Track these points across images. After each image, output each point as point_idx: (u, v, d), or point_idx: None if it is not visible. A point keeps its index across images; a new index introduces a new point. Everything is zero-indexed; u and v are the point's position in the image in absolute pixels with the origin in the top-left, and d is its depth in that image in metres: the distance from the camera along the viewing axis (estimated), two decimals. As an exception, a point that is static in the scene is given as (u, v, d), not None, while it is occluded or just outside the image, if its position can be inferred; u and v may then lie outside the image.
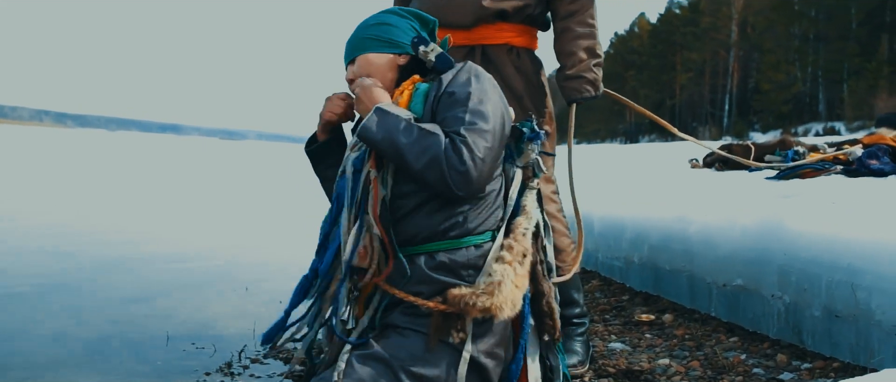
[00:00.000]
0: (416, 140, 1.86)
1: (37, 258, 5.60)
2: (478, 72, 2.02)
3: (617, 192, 5.29)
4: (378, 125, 1.90)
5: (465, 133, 1.86)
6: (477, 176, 1.85)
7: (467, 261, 1.95)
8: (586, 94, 2.85)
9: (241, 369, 3.07)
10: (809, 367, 2.79)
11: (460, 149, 1.84)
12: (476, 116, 1.90)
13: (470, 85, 1.96)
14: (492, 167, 1.91)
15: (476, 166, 1.85)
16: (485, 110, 1.92)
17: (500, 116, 1.96)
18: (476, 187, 1.88)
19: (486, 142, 1.87)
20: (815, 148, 4.98)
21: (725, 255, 3.44)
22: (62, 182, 14.57)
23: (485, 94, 1.96)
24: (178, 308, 4.11)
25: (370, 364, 1.87)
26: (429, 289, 1.93)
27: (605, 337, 3.48)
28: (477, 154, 1.84)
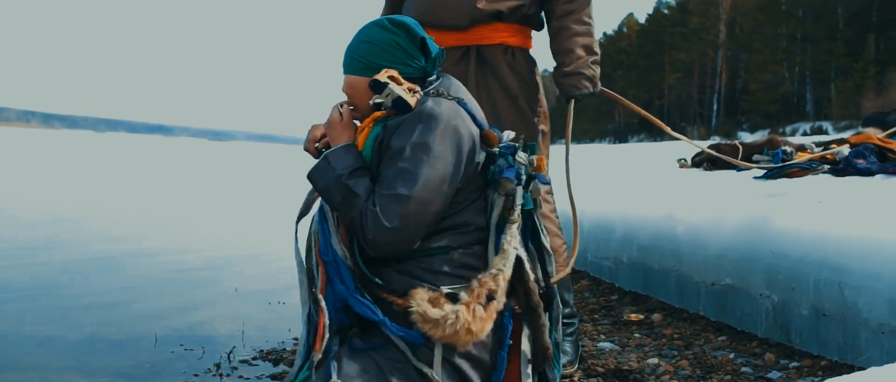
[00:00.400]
0: (343, 201, 1.89)
1: (24, 259, 5.57)
2: (429, 117, 1.90)
3: (606, 192, 5.30)
4: (320, 174, 1.95)
5: (378, 201, 1.84)
6: (386, 243, 1.84)
7: (431, 267, 1.94)
8: (585, 91, 2.84)
9: (230, 370, 3.07)
10: (797, 366, 2.80)
11: (367, 218, 1.84)
12: (400, 178, 1.84)
13: (411, 136, 1.87)
14: (410, 232, 1.85)
15: (383, 235, 1.82)
16: (415, 169, 1.84)
17: (440, 171, 1.86)
18: (388, 252, 1.87)
19: (402, 208, 1.82)
20: (803, 147, 5.00)
21: (714, 255, 3.45)
22: (50, 183, 14.49)
23: (423, 149, 1.86)
24: (167, 309, 4.10)
25: (357, 360, 1.88)
26: (400, 288, 1.92)
27: (594, 337, 3.49)
28: (385, 223, 1.82)
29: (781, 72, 53.86)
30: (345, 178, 1.89)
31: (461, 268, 1.94)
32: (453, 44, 2.87)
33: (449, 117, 1.91)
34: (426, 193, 1.83)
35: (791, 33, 53.81)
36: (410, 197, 1.82)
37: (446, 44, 2.87)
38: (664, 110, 63.71)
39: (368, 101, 1.99)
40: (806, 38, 52.36)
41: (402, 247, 1.87)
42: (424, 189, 1.83)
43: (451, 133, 1.89)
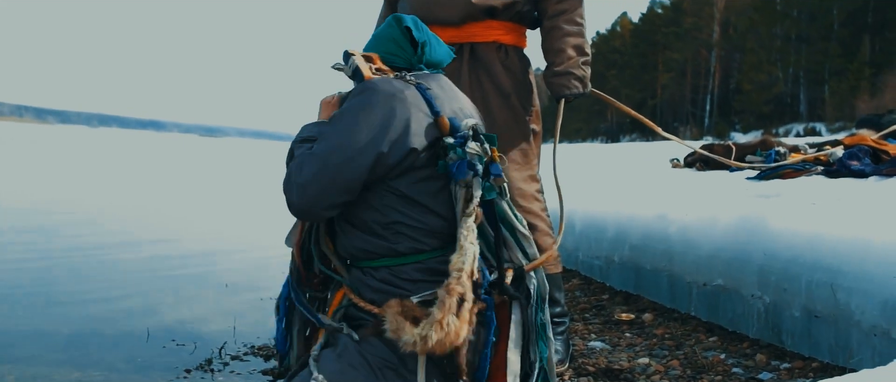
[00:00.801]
0: (287, 164, 1.97)
1: (16, 254, 5.57)
2: (367, 91, 1.92)
3: (598, 192, 5.29)
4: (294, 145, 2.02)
5: (298, 157, 1.90)
6: (298, 200, 1.88)
7: (408, 277, 1.93)
8: (575, 91, 2.83)
9: (221, 365, 3.08)
10: (789, 367, 2.80)
11: (288, 174, 1.90)
12: (319, 139, 1.91)
13: (343, 106, 1.95)
14: (321, 193, 1.87)
15: (294, 191, 1.87)
16: (329, 131, 1.90)
17: (360, 142, 1.85)
18: (302, 211, 1.90)
19: (311, 165, 1.86)
20: (796, 148, 5.00)
21: (706, 255, 3.45)
22: (42, 178, 14.46)
23: (347, 117, 1.89)
24: (159, 304, 4.10)
25: (346, 357, 1.88)
26: (380, 298, 1.93)
27: (585, 336, 3.48)
28: (297, 180, 1.87)
29: (775, 72, 54.03)
30: (295, 143, 1.98)
31: (436, 275, 1.91)
32: (447, 41, 2.86)
33: (386, 94, 1.90)
34: (336, 157, 1.86)
35: (785, 33, 53.98)
36: (320, 156, 1.86)
37: None
38: (657, 110, 63.85)
39: None
40: (800, 39, 52.51)
41: (307, 206, 1.89)
42: (335, 152, 1.86)
43: (381, 107, 1.89)
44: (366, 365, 1.87)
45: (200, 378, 2.95)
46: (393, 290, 1.91)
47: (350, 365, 1.87)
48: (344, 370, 1.86)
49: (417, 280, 1.93)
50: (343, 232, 2.01)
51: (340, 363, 1.88)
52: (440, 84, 2.04)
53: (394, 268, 1.94)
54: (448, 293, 1.80)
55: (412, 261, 1.94)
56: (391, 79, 1.94)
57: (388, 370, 1.87)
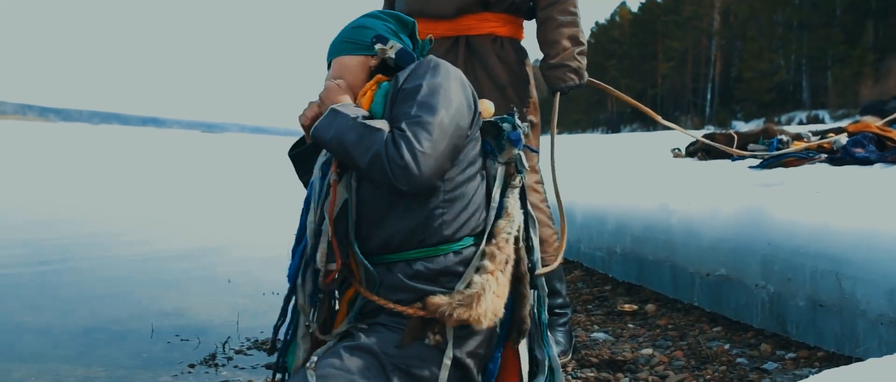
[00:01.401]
0: (360, 138, 1.83)
1: (21, 252, 5.60)
2: (437, 64, 1.96)
3: (599, 183, 5.28)
4: (328, 125, 1.89)
5: (405, 127, 1.81)
6: (419, 170, 1.79)
7: (445, 268, 1.90)
8: (571, 83, 2.81)
9: (224, 360, 3.10)
10: (794, 357, 2.79)
11: (399, 143, 1.79)
12: (422, 109, 1.84)
13: (424, 78, 1.90)
14: (440, 161, 1.84)
15: (416, 160, 1.78)
16: (433, 102, 1.86)
17: (455, 108, 1.89)
18: (420, 182, 1.81)
19: (429, 134, 1.81)
20: (799, 136, 4.98)
21: (708, 245, 3.44)
22: (46, 176, 14.50)
23: (437, 87, 1.89)
24: (162, 301, 4.11)
25: (358, 355, 1.84)
26: (408, 297, 1.89)
27: (587, 327, 3.47)
28: (417, 147, 1.79)
29: (777, 60, 53.93)
30: (360, 119, 1.87)
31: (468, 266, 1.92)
32: (442, 34, 2.85)
33: (455, 70, 1.97)
34: (446, 123, 1.84)
35: (787, 20, 53.83)
36: (433, 121, 1.82)
37: (435, 33, 2.85)
38: (657, 100, 63.77)
39: (363, 77, 2.05)
40: (802, 26, 52.36)
41: (431, 173, 1.82)
42: (445, 118, 1.84)
43: (458, 79, 1.95)
44: (377, 365, 1.85)
45: (205, 372, 2.96)
46: (423, 288, 1.89)
47: (365, 365, 1.85)
48: (358, 367, 1.84)
49: (455, 273, 1.91)
50: (381, 219, 1.93)
51: (353, 360, 1.85)
52: None
53: (429, 261, 1.91)
54: (499, 249, 1.88)
55: (449, 250, 1.92)
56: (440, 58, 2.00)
57: (400, 371, 1.85)
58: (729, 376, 2.65)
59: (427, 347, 1.86)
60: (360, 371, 1.82)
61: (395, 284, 1.91)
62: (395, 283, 1.91)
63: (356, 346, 1.86)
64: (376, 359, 1.84)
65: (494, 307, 1.82)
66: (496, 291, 1.82)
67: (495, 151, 2.07)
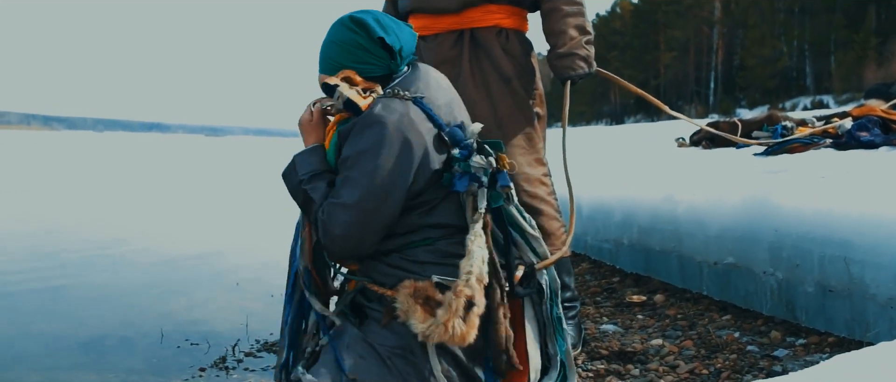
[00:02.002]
0: (303, 205, 1.98)
1: (30, 261, 5.62)
2: (375, 125, 1.87)
3: (604, 174, 5.27)
4: (287, 177, 2.02)
5: (326, 209, 1.89)
6: (338, 249, 1.91)
7: (416, 258, 1.95)
8: (581, 71, 2.79)
9: (235, 363, 3.11)
10: (804, 343, 2.78)
11: (320, 224, 1.90)
12: (344, 187, 1.88)
13: (357, 145, 1.87)
14: (357, 239, 1.89)
15: (332, 242, 1.89)
16: (357, 179, 1.86)
17: (382, 176, 1.84)
18: (344, 256, 1.96)
19: (347, 216, 1.86)
20: (804, 122, 4.95)
21: (715, 234, 3.43)
22: (52, 184, 14.52)
23: (366, 158, 1.85)
24: (171, 305, 4.12)
25: (354, 349, 1.88)
26: (390, 281, 1.92)
27: (596, 320, 3.47)
28: (333, 230, 1.87)
29: (779, 46, 53.75)
30: (304, 183, 1.96)
31: (447, 257, 1.92)
32: (447, 28, 2.85)
33: (396, 125, 1.86)
34: (370, 203, 1.86)
35: (788, 6, 53.63)
36: (353, 205, 1.86)
37: (440, 28, 2.85)
38: (660, 90, 63.59)
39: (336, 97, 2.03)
40: (804, 11, 52.16)
41: (351, 253, 1.93)
42: (366, 198, 1.86)
43: (397, 140, 1.86)
44: (375, 355, 1.86)
45: (215, 376, 2.98)
46: (403, 274, 1.90)
47: (360, 356, 1.86)
48: (356, 362, 1.85)
49: (426, 262, 1.92)
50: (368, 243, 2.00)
51: (350, 355, 1.86)
52: (426, 80, 2.00)
53: (405, 252, 1.94)
54: (456, 295, 1.79)
55: (423, 245, 1.94)
56: (391, 103, 1.89)
57: (398, 358, 1.86)
58: (739, 364, 2.64)
59: (415, 335, 1.86)
60: (361, 360, 1.85)
61: (382, 271, 1.97)
62: (382, 270, 1.97)
63: (353, 338, 1.91)
64: (372, 348, 1.88)
65: (450, 342, 1.80)
66: (448, 338, 1.74)
67: (458, 183, 1.97)
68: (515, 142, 2.83)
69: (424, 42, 2.90)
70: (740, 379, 2.49)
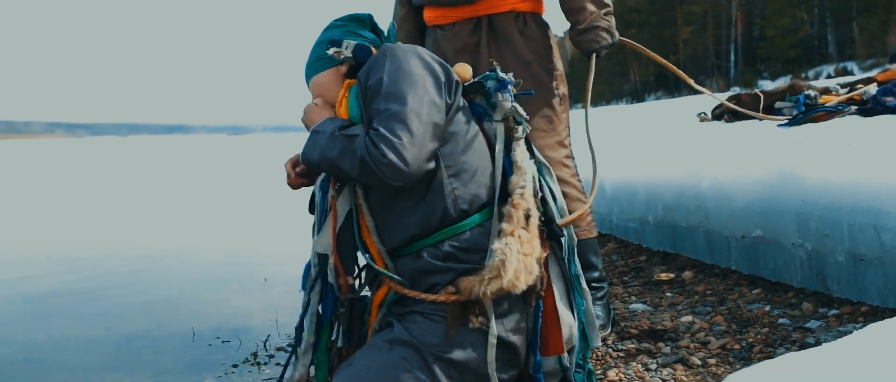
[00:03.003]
0: (343, 149, 1.83)
1: (61, 267, 5.70)
2: (391, 50, 1.91)
3: (627, 153, 5.24)
4: (312, 147, 1.92)
5: (379, 125, 1.79)
6: (404, 163, 1.76)
7: (472, 245, 1.89)
8: (604, 42, 2.81)
9: (266, 358, 3.13)
10: (837, 313, 2.75)
11: (378, 143, 1.77)
12: (390, 100, 1.82)
13: (383, 69, 1.87)
14: (422, 146, 1.80)
15: (398, 154, 1.76)
16: (397, 90, 1.83)
17: (422, 87, 1.86)
18: (410, 173, 1.78)
19: (403, 124, 1.78)
20: (827, 90, 4.89)
21: (741, 207, 3.39)
22: (80, 190, 14.70)
23: (398, 73, 1.86)
24: (201, 305, 4.16)
25: (398, 349, 1.83)
26: (444, 278, 1.88)
27: (625, 300, 3.46)
28: (396, 142, 1.76)
29: (799, 14, 53.03)
30: (338, 131, 1.87)
31: (476, 251, 1.90)
32: (464, 16, 2.84)
33: (411, 48, 1.94)
34: (416, 105, 1.82)
35: (807, -27, 52.85)
36: (404, 110, 1.80)
37: (456, 17, 2.84)
38: (680, 66, 62.77)
39: (339, 87, 2.04)
40: (823, -23, 51.38)
41: (421, 160, 1.80)
42: (414, 102, 1.82)
43: (417, 54, 1.92)
44: (418, 357, 1.84)
45: (248, 372, 3.00)
46: (455, 267, 1.88)
47: (404, 357, 1.84)
48: (401, 365, 1.83)
49: (479, 248, 1.89)
50: (397, 214, 1.92)
51: (393, 355, 1.85)
52: None
53: (455, 238, 1.89)
54: (514, 207, 1.85)
55: (473, 224, 1.90)
56: (398, 43, 1.97)
57: (442, 361, 1.84)
58: (772, 338, 2.62)
59: (469, 331, 1.85)
60: (400, 364, 1.81)
61: (426, 269, 1.89)
62: (426, 268, 1.89)
63: (395, 339, 1.85)
64: (416, 351, 1.83)
65: (525, 266, 1.81)
66: (521, 250, 1.80)
67: (489, 111, 2.05)
68: (536, 124, 2.82)
69: (441, 30, 2.90)
70: (773, 353, 2.47)
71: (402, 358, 1.82)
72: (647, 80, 67.85)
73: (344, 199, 1.95)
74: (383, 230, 1.95)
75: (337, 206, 1.94)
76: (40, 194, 13.97)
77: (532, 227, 1.86)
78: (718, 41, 63.15)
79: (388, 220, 1.93)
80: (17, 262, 6.00)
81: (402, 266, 1.94)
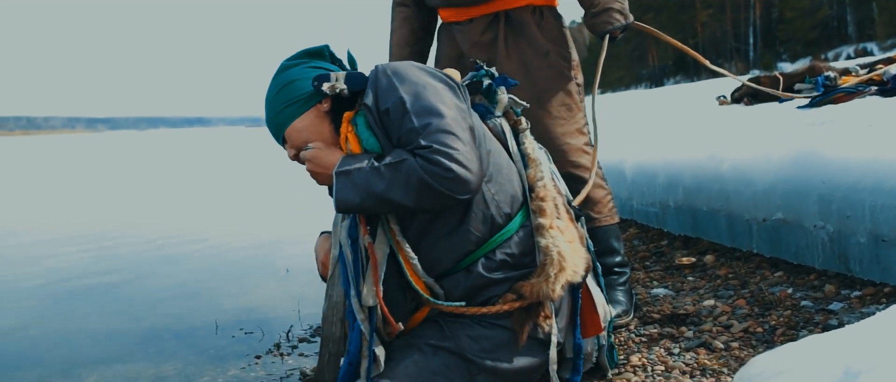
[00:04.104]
0: (392, 180, 1.69)
1: (84, 260, 5.75)
2: (394, 69, 1.81)
3: (646, 138, 5.22)
4: (348, 189, 1.74)
5: (427, 142, 1.66)
6: (469, 171, 1.67)
7: (522, 248, 1.87)
8: (618, 23, 2.82)
9: (289, 349, 3.15)
10: (859, 295, 2.74)
11: (435, 158, 1.65)
12: (423, 116, 1.70)
13: (398, 89, 1.75)
14: (474, 150, 1.72)
15: (461, 164, 1.65)
16: (426, 104, 1.72)
17: (445, 95, 1.77)
18: (477, 181, 1.69)
19: (452, 134, 1.68)
20: (847, 71, 4.85)
21: (763, 190, 3.38)
22: (101, 184, 14.82)
23: (418, 88, 1.76)
24: (223, 296, 4.19)
25: (441, 356, 1.83)
26: (500, 289, 1.86)
27: (647, 284, 3.45)
28: (454, 153, 1.65)
29: (818, -4, 52.40)
30: (377, 163, 1.73)
31: (526, 255, 1.91)
32: (481, 13, 2.85)
33: (409, 63, 1.88)
34: (454, 113, 1.74)
35: (825, -46, 52.24)
36: (444, 121, 1.69)
37: (474, 15, 2.85)
38: (698, 49, 62.37)
39: (326, 127, 1.91)
40: (841, -43, 50.75)
41: (481, 165, 1.74)
42: (448, 111, 1.73)
43: (421, 68, 1.86)
44: (462, 365, 1.83)
45: (271, 362, 3.01)
46: (512, 274, 1.87)
47: (448, 367, 1.83)
48: (443, 372, 1.83)
49: (530, 250, 1.88)
50: (440, 239, 1.84)
51: (435, 361, 1.83)
52: None
53: (505, 245, 1.87)
54: (542, 200, 1.86)
55: (518, 227, 1.89)
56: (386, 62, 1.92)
57: (487, 371, 1.84)
58: (794, 320, 2.61)
59: (512, 338, 1.85)
60: (441, 371, 1.81)
61: (481, 284, 1.85)
62: (481, 283, 1.85)
63: (440, 346, 1.83)
64: (461, 359, 1.82)
65: (578, 253, 1.82)
66: (566, 238, 1.81)
67: (491, 108, 2.03)
68: (555, 113, 2.82)
69: (458, 26, 2.91)
70: (796, 335, 2.47)
71: (445, 366, 1.81)
72: (666, 65, 67.38)
73: (381, 242, 1.83)
74: (427, 261, 1.86)
75: (376, 252, 1.81)
76: (63, 188, 14.12)
77: (564, 214, 1.86)
78: (737, 24, 62.60)
79: (430, 249, 1.86)
80: (41, 255, 6.07)
81: (452, 284, 1.88)
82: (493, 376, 1.83)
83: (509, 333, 1.85)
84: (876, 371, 1.26)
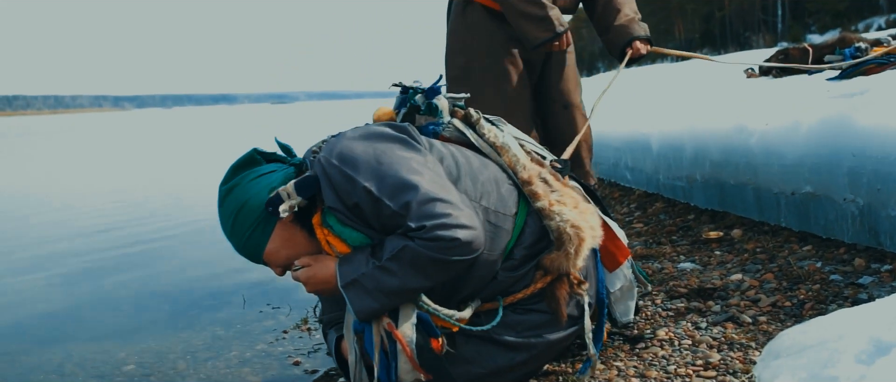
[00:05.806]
0: (401, 272, 1.66)
1: (111, 237, 5.84)
2: (338, 157, 1.74)
3: (673, 111, 5.17)
4: (364, 299, 1.72)
5: (416, 223, 1.63)
6: (469, 229, 1.65)
7: (537, 236, 1.90)
8: (641, 32, 3.27)
9: (316, 323, 3.19)
10: (889, 269, 2.71)
11: (433, 232, 1.62)
12: (397, 195, 1.66)
13: (353, 180, 1.70)
14: (462, 199, 1.72)
15: (460, 226, 1.63)
16: (394, 180, 1.67)
17: (402, 156, 1.73)
18: (481, 234, 1.69)
19: (433, 200, 1.65)
20: (878, 42, 4.76)
21: (791, 163, 3.34)
22: (127, 162, 14.97)
23: (371, 168, 1.70)
24: (251, 272, 4.23)
25: (513, 353, 1.89)
26: (528, 277, 1.90)
27: (673, 259, 3.44)
28: (446, 220, 1.62)
29: (848, -35, 51.47)
30: (377, 262, 1.70)
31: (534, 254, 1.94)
32: None
33: (348, 138, 1.81)
34: (421, 175, 1.70)
35: (856, -79, 51.24)
36: (419, 190, 1.66)
37: None
38: (726, 21, 61.70)
39: (300, 238, 1.86)
40: (873, -75, 49.76)
41: (476, 215, 1.73)
42: (414, 175, 1.69)
43: (362, 139, 1.80)
44: (529, 358, 1.91)
45: (299, 337, 3.05)
46: (533, 262, 1.92)
47: (521, 362, 1.92)
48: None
49: (538, 241, 1.93)
50: (466, 274, 1.81)
51: (510, 356, 1.90)
52: None
53: (520, 243, 1.90)
54: (529, 183, 1.89)
55: (517, 234, 1.90)
56: (321, 147, 1.88)
57: (546, 356, 1.93)
58: (823, 294, 2.59)
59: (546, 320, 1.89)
60: (519, 368, 1.90)
61: (507, 286, 1.90)
62: (506, 285, 1.90)
63: (510, 343, 1.89)
64: (527, 352, 1.90)
65: (587, 213, 1.87)
66: (571, 205, 1.83)
67: (439, 119, 2.04)
68: (576, 82, 3.41)
69: None
70: (825, 309, 2.45)
71: (521, 362, 1.89)
72: (692, 37, 66.57)
73: (406, 320, 1.77)
74: (459, 298, 1.87)
75: (402, 336, 1.75)
76: (89, 166, 14.28)
77: (554, 182, 1.88)
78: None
79: (461, 289, 1.86)
80: (72, 233, 6.16)
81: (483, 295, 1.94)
82: (548, 355, 1.92)
83: (543, 315, 1.90)
84: (907, 344, 1.25)
